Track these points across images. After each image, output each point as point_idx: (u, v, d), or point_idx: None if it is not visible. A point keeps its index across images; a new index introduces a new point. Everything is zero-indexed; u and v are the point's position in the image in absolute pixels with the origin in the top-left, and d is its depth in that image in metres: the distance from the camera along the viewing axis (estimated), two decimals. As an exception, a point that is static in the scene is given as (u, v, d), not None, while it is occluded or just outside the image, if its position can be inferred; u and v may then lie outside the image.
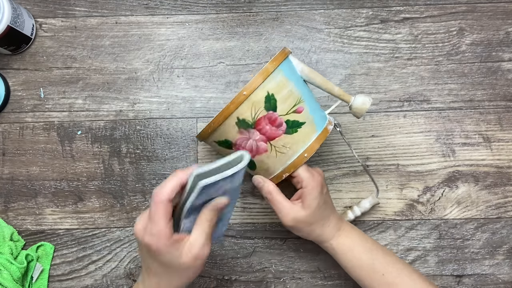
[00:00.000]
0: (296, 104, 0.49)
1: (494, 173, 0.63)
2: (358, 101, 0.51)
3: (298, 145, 0.49)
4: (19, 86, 0.65)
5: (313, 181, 0.50)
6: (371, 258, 0.51)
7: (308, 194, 0.50)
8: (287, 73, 0.49)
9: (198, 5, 0.67)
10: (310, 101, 0.50)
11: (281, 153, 0.49)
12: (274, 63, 0.47)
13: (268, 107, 0.47)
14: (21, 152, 0.64)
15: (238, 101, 0.46)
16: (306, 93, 0.50)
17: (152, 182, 0.63)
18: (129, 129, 0.64)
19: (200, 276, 0.62)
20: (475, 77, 0.65)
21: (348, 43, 0.66)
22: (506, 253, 0.62)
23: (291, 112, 0.48)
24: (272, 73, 0.47)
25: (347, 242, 0.52)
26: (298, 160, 0.50)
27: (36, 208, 0.63)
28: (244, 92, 0.46)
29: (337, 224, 0.53)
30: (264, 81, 0.46)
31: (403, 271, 0.51)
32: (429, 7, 0.66)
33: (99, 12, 0.67)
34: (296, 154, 0.50)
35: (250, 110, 0.47)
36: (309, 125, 0.49)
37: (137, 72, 0.65)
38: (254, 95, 0.46)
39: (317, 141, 0.50)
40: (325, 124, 0.51)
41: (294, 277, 0.62)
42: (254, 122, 0.47)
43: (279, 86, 0.47)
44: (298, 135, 0.49)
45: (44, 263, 0.62)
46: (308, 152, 0.50)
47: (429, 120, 0.64)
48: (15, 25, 0.61)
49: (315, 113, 0.51)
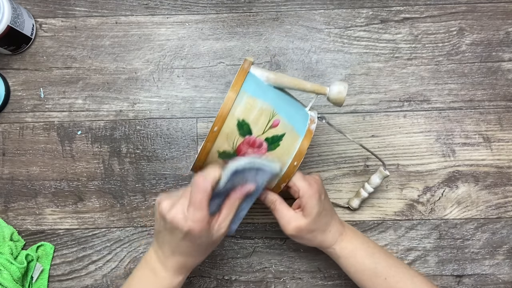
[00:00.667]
0: (270, 120, 0.47)
1: (494, 173, 0.63)
2: (334, 90, 0.49)
3: (285, 157, 0.49)
4: (19, 86, 0.65)
5: (310, 190, 0.50)
6: (373, 263, 0.51)
7: (306, 203, 0.50)
8: (253, 91, 0.47)
9: (198, 5, 0.67)
10: (286, 109, 0.49)
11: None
12: (235, 88, 0.46)
13: (242, 133, 0.46)
14: (21, 152, 0.64)
15: (212, 138, 0.46)
16: (279, 103, 0.49)
17: (152, 182, 0.63)
18: (129, 129, 0.64)
19: (200, 276, 0.62)
20: (475, 77, 0.65)
21: (348, 43, 0.66)
22: (506, 253, 0.62)
23: (268, 129, 0.47)
24: (236, 98, 0.45)
25: (349, 246, 0.52)
26: (290, 170, 0.49)
27: (36, 208, 0.63)
28: (215, 128, 0.45)
29: (339, 229, 0.53)
30: (231, 110, 0.45)
31: (405, 275, 0.51)
32: (429, 7, 0.66)
33: (99, 12, 0.67)
34: (285, 166, 0.49)
35: (227, 141, 0.46)
36: (289, 134, 0.48)
37: (137, 72, 0.65)
38: (225, 127, 0.46)
39: (302, 146, 0.49)
40: (307, 125, 0.50)
41: (294, 277, 0.62)
42: (235, 150, 0.47)
43: (247, 109, 0.46)
44: (282, 148, 0.48)
45: (44, 263, 0.62)
46: (297, 159, 0.49)
47: (429, 120, 0.64)
48: (15, 25, 0.61)
49: (293, 119, 0.49)
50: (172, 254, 0.47)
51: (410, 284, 0.51)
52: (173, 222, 0.44)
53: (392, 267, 0.52)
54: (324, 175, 0.63)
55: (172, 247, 0.47)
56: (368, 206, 0.62)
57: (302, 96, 0.65)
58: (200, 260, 0.50)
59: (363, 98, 0.65)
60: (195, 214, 0.44)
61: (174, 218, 0.44)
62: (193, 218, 0.44)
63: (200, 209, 0.44)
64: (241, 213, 0.51)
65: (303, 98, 0.65)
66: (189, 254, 0.47)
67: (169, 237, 0.46)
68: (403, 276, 0.51)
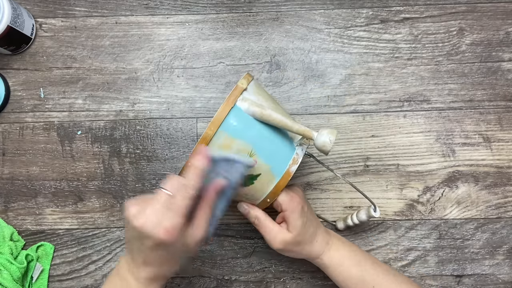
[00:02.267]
0: None
1: (494, 173, 0.63)
2: (319, 142, 0.45)
3: (258, 194, 0.49)
4: (19, 86, 0.65)
5: (292, 203, 0.49)
6: (360, 271, 0.51)
7: (289, 216, 0.49)
8: (232, 131, 0.45)
9: (198, 5, 0.67)
10: (266, 149, 0.47)
11: (246, 198, 0.50)
12: (213, 128, 0.44)
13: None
14: (21, 152, 0.64)
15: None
16: (261, 142, 0.47)
17: (152, 182, 0.63)
18: (129, 129, 0.64)
19: (200, 276, 0.62)
20: (475, 77, 0.65)
21: (348, 43, 0.66)
22: (506, 253, 0.62)
23: None
24: (213, 138, 0.45)
25: (336, 255, 0.52)
26: (263, 203, 0.50)
27: (36, 208, 0.63)
28: (189, 163, 0.45)
29: (325, 238, 0.53)
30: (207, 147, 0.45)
31: (393, 283, 0.52)
32: (429, 7, 0.66)
33: (99, 12, 0.67)
34: (258, 200, 0.50)
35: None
36: (265, 175, 0.47)
37: (137, 72, 0.65)
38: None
39: (277, 188, 0.48)
40: (287, 166, 0.48)
41: (294, 277, 0.62)
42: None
43: (223, 148, 0.45)
44: (256, 186, 0.48)
45: (44, 263, 0.62)
46: (270, 197, 0.49)
47: (429, 120, 0.64)
48: (15, 25, 0.61)
49: (273, 160, 0.47)
50: (144, 264, 0.42)
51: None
52: (142, 230, 0.40)
53: (380, 274, 0.52)
54: (324, 175, 0.63)
55: (142, 256, 0.42)
56: (368, 206, 0.62)
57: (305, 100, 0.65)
58: (176, 269, 0.45)
59: (363, 98, 0.65)
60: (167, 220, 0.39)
61: (143, 225, 0.39)
62: (166, 225, 0.39)
63: (178, 216, 0.40)
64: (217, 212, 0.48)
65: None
66: (162, 263, 0.43)
67: (138, 245, 0.41)
68: (390, 283, 0.51)
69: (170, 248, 0.41)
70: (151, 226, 0.39)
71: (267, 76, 0.65)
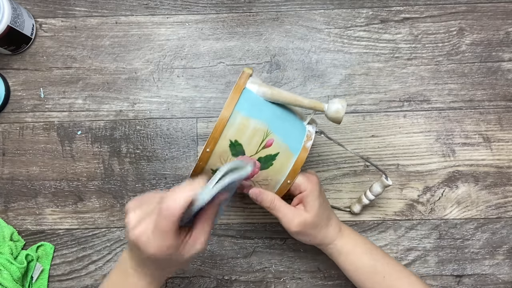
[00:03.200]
0: (264, 140, 0.46)
1: (494, 173, 0.63)
2: (332, 109, 0.47)
3: (278, 176, 0.49)
4: (19, 86, 0.65)
5: (310, 183, 0.50)
6: (372, 259, 0.51)
7: (307, 196, 0.49)
8: (247, 111, 0.46)
9: (198, 5, 0.67)
10: (281, 127, 0.48)
11: (265, 185, 0.50)
12: (229, 108, 0.45)
13: (235, 153, 0.46)
14: (21, 152, 0.64)
15: (204, 158, 0.46)
16: (275, 121, 0.48)
17: (152, 182, 0.63)
18: (129, 129, 0.64)
19: (200, 276, 0.62)
20: (475, 77, 0.65)
21: (348, 43, 0.66)
22: (506, 253, 0.62)
23: (261, 149, 0.47)
24: (230, 119, 0.45)
25: (350, 242, 0.52)
26: (283, 187, 0.49)
27: (36, 208, 0.63)
28: (207, 149, 0.45)
29: (338, 224, 0.53)
30: (224, 131, 0.45)
31: (402, 273, 0.51)
32: (429, 7, 0.66)
33: (99, 12, 0.67)
34: (279, 183, 0.49)
35: (220, 161, 0.46)
36: (283, 153, 0.48)
37: (137, 72, 0.65)
38: (218, 148, 0.45)
39: (296, 165, 0.48)
40: (303, 143, 0.49)
41: (294, 277, 0.62)
42: None
43: (240, 130, 0.46)
44: (274, 167, 0.48)
45: (44, 263, 0.62)
46: (290, 178, 0.49)
47: (429, 120, 0.64)
48: (15, 25, 0.61)
49: (288, 138, 0.48)
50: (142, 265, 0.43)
51: (406, 283, 0.51)
52: (136, 242, 0.40)
53: (390, 265, 0.52)
54: (324, 175, 0.63)
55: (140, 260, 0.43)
56: (368, 206, 0.62)
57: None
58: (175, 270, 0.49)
59: (363, 98, 0.65)
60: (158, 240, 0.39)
61: (137, 238, 0.40)
62: (156, 244, 0.39)
63: (164, 237, 0.39)
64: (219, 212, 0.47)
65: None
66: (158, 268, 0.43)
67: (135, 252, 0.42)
68: (400, 274, 0.51)
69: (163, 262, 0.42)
70: (144, 242, 0.40)
71: (267, 76, 0.65)
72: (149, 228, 0.40)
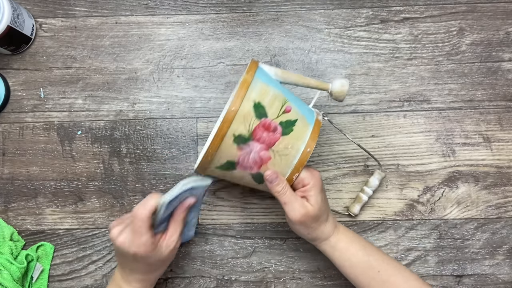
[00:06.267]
0: (283, 105, 0.49)
1: (494, 173, 0.63)
2: (336, 85, 0.52)
3: (298, 143, 0.50)
4: (19, 86, 0.65)
5: (314, 178, 0.51)
6: (366, 255, 0.52)
7: (311, 190, 0.51)
8: (265, 79, 0.49)
9: (198, 5, 0.67)
10: (295, 100, 0.51)
11: (285, 155, 0.49)
12: (250, 73, 0.48)
13: (259, 115, 0.47)
14: (21, 152, 0.64)
15: (229, 118, 0.46)
16: (288, 94, 0.51)
17: (152, 182, 0.63)
18: (129, 129, 0.64)
19: (200, 276, 0.62)
20: (475, 77, 0.65)
21: (348, 43, 0.66)
22: (506, 253, 0.62)
23: (282, 114, 0.49)
24: (252, 82, 0.47)
25: (344, 238, 0.53)
26: (303, 157, 0.50)
27: (36, 208, 0.63)
28: (233, 108, 0.46)
29: (334, 221, 0.54)
30: (247, 92, 0.47)
31: (396, 268, 0.52)
32: (429, 7, 0.66)
33: (99, 12, 0.67)
34: (299, 152, 0.50)
35: (243, 123, 0.47)
36: (301, 121, 0.50)
37: (137, 72, 0.65)
38: (242, 108, 0.46)
39: (314, 133, 0.50)
40: (315, 116, 0.52)
41: (294, 277, 0.62)
42: (251, 134, 0.47)
43: (262, 93, 0.48)
44: (295, 133, 0.49)
45: (44, 263, 0.62)
46: (309, 146, 0.50)
47: (429, 120, 0.64)
48: (15, 25, 0.61)
49: (302, 109, 0.51)
50: (131, 273, 0.52)
51: (401, 278, 0.51)
52: (121, 248, 0.49)
53: (384, 260, 0.53)
54: (324, 175, 0.63)
55: (129, 267, 0.52)
56: (368, 206, 0.62)
57: (302, 96, 0.65)
58: (160, 273, 0.55)
59: (363, 98, 0.65)
60: (137, 239, 0.48)
61: (121, 244, 0.49)
62: (138, 243, 0.48)
63: (140, 235, 0.48)
64: (193, 220, 0.56)
65: (304, 98, 0.65)
66: (146, 271, 0.52)
67: (123, 259, 0.51)
68: (394, 269, 0.52)
69: (147, 259, 0.50)
70: (128, 245, 0.49)
71: (267, 76, 0.65)
72: (128, 234, 0.49)
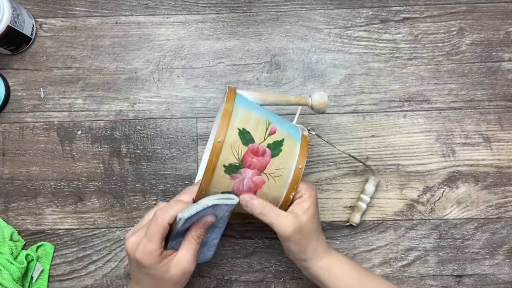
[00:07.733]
0: (268, 127, 0.49)
1: (494, 173, 0.63)
2: (315, 98, 0.53)
3: (289, 162, 0.49)
4: (19, 86, 0.65)
5: (310, 189, 0.51)
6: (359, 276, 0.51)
7: (305, 201, 0.50)
8: (245, 105, 0.50)
9: (198, 5, 0.67)
10: (278, 120, 0.51)
11: (278, 176, 0.49)
12: (230, 102, 0.48)
13: (245, 141, 0.47)
14: (21, 152, 0.64)
15: (217, 150, 0.46)
16: (271, 115, 0.51)
17: (152, 182, 0.63)
18: (129, 129, 0.64)
19: (200, 276, 0.62)
20: (475, 77, 0.65)
21: (348, 43, 0.66)
22: (506, 253, 0.62)
23: (268, 136, 0.49)
24: (233, 111, 0.48)
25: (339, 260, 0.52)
26: (296, 175, 0.49)
27: (36, 208, 0.63)
28: (219, 139, 0.46)
29: (325, 240, 0.52)
30: (230, 121, 0.47)
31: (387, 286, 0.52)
32: (429, 7, 0.66)
33: (99, 12, 0.67)
34: (291, 171, 0.49)
35: (232, 152, 0.47)
36: (288, 139, 0.50)
37: (137, 72, 0.65)
38: (228, 138, 0.47)
39: (302, 149, 0.50)
40: (300, 133, 0.52)
41: (294, 277, 0.62)
42: (241, 161, 0.47)
43: (245, 119, 0.48)
44: (284, 153, 0.49)
45: (44, 263, 0.62)
46: (300, 163, 0.50)
47: (429, 120, 0.64)
48: (15, 25, 0.61)
49: (287, 128, 0.51)
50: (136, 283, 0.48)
51: None
52: (127, 251, 0.46)
53: (376, 281, 0.52)
54: (324, 175, 0.63)
55: (135, 279, 0.48)
56: (368, 206, 0.62)
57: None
58: None
59: (363, 98, 0.65)
60: (146, 245, 0.44)
61: (128, 248, 0.46)
62: (144, 249, 0.44)
63: (151, 242, 0.44)
64: (214, 241, 0.52)
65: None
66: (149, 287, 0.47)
67: (131, 266, 0.48)
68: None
69: (150, 271, 0.45)
70: (133, 249, 0.45)
71: (267, 76, 0.65)
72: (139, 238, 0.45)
